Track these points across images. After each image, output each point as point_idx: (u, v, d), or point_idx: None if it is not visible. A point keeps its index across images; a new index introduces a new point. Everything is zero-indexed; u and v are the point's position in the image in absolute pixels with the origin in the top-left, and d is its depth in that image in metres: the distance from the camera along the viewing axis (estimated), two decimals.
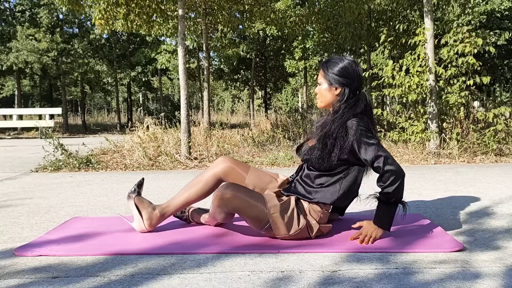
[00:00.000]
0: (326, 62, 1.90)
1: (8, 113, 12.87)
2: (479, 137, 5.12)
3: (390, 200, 1.72)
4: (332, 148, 1.78)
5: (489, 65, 12.70)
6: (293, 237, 1.80)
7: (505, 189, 3.03)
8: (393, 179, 1.69)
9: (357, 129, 1.74)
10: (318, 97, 1.93)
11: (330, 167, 1.81)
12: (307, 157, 1.85)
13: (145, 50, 15.59)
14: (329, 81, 1.86)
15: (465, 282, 1.36)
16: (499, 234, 1.91)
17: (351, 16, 8.02)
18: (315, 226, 1.80)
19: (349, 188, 1.84)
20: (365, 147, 1.72)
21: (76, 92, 22.54)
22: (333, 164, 1.80)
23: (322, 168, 1.82)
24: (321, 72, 1.91)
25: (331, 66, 1.86)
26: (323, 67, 1.89)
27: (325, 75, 1.87)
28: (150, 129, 5.91)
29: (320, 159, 1.79)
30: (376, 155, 1.70)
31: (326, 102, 1.90)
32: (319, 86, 1.91)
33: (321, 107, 1.94)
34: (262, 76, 18.69)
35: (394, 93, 5.29)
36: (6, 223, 2.22)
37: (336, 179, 1.82)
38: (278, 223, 1.76)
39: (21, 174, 4.19)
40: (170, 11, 7.55)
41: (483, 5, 11.33)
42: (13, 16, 15.11)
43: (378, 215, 1.77)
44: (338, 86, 1.85)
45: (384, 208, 1.75)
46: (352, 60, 1.87)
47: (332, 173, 1.82)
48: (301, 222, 1.78)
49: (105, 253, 1.67)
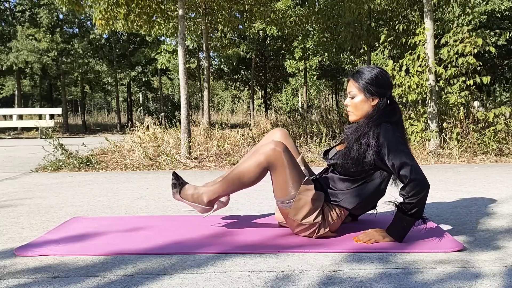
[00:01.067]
0: (358, 72, 1.83)
1: (8, 113, 12.87)
2: (479, 137, 5.12)
3: (410, 211, 1.68)
4: (362, 152, 1.74)
5: (489, 65, 12.69)
6: (299, 227, 1.80)
7: (505, 189, 3.03)
8: (418, 190, 1.65)
9: (392, 134, 1.71)
10: (351, 110, 1.85)
11: (356, 173, 1.79)
12: (335, 161, 1.83)
13: (145, 50, 15.60)
14: (365, 92, 1.79)
15: (465, 282, 1.36)
16: (499, 234, 1.91)
17: (351, 16, 8.02)
18: (323, 230, 1.80)
19: (372, 196, 1.82)
20: (394, 153, 1.68)
21: (76, 92, 22.55)
22: (359, 169, 1.77)
23: (348, 173, 1.80)
24: (353, 83, 1.83)
25: (364, 76, 1.80)
26: (355, 78, 1.82)
27: (359, 86, 1.81)
28: (150, 129, 5.91)
29: (348, 163, 1.76)
30: (404, 161, 1.67)
31: (362, 115, 1.83)
32: (353, 99, 1.83)
33: (355, 120, 1.86)
34: (262, 76, 18.70)
35: (394, 93, 5.29)
36: (6, 223, 2.22)
37: (360, 184, 1.80)
38: (300, 205, 1.76)
39: (21, 174, 4.19)
40: (170, 11, 7.55)
41: (483, 5, 11.33)
42: (13, 16, 15.11)
43: (393, 225, 1.74)
44: (376, 97, 1.79)
45: (402, 218, 1.71)
46: (382, 68, 1.84)
47: (356, 179, 1.80)
48: (318, 219, 1.77)
49: (105, 253, 1.67)
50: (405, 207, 1.69)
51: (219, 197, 1.89)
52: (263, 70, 18.56)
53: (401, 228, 1.73)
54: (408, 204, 1.68)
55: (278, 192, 1.81)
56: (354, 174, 1.80)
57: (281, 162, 1.77)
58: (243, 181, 1.82)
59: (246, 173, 1.81)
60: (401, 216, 1.72)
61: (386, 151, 1.70)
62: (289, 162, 1.78)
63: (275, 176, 1.80)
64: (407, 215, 1.70)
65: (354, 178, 1.80)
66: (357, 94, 1.82)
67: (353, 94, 1.83)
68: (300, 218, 1.78)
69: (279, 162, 1.77)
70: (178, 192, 1.90)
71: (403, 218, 1.71)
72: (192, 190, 1.90)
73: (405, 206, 1.69)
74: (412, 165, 1.67)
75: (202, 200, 1.87)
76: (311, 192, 1.76)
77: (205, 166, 4.58)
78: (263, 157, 1.77)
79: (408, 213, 1.69)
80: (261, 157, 1.78)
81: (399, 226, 1.73)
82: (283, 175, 1.78)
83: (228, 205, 2.60)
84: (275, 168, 1.78)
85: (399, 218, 1.73)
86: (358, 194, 1.80)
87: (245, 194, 2.82)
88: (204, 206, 1.88)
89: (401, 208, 1.71)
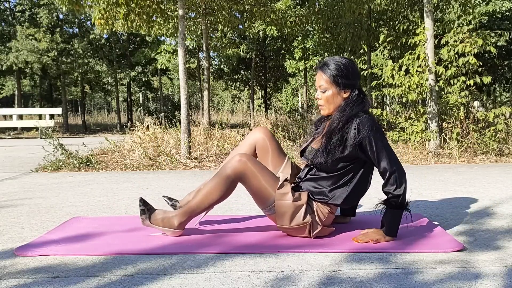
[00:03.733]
0: (326, 65, 1.80)
1: (8, 113, 12.87)
2: (479, 137, 5.12)
3: (398, 203, 1.72)
4: (340, 146, 1.75)
5: (489, 65, 12.69)
6: (293, 230, 1.79)
7: (505, 189, 3.03)
8: (401, 181, 1.70)
9: (371, 126, 1.71)
10: (323, 104, 1.82)
11: (338, 168, 1.78)
12: (315, 160, 1.81)
13: (145, 50, 15.59)
14: (336, 85, 1.78)
15: (465, 282, 1.36)
16: (499, 234, 1.91)
17: (351, 16, 8.02)
18: (318, 227, 1.80)
19: (359, 187, 1.82)
20: (375, 146, 1.71)
21: (76, 92, 22.55)
22: (341, 163, 1.77)
23: (330, 170, 1.79)
24: (322, 77, 1.80)
25: (333, 69, 1.78)
26: (324, 71, 1.80)
27: (330, 79, 1.78)
28: (150, 129, 5.91)
29: (327, 159, 1.76)
30: (385, 156, 1.71)
31: (334, 108, 1.81)
32: (324, 93, 1.81)
33: (328, 114, 1.84)
34: (262, 76, 18.69)
35: (394, 93, 5.29)
36: (6, 223, 2.22)
37: (344, 178, 1.80)
38: (282, 211, 1.75)
39: (21, 174, 4.19)
40: (170, 11, 7.55)
41: (484, 6, 11.32)
42: (13, 16, 15.11)
43: (387, 222, 1.76)
44: (347, 89, 1.79)
45: (393, 213, 1.74)
46: (348, 59, 1.83)
47: (340, 173, 1.80)
48: (307, 218, 1.77)
49: (105, 253, 1.67)
50: (394, 201, 1.72)
51: (190, 218, 1.86)
52: (263, 70, 18.55)
53: (396, 223, 1.76)
54: (397, 197, 1.71)
55: (258, 201, 1.82)
56: (336, 170, 1.79)
57: (251, 171, 1.76)
58: (213, 198, 1.80)
59: (215, 190, 1.79)
60: (392, 211, 1.74)
61: (367, 145, 1.72)
62: (258, 169, 1.77)
63: (249, 187, 1.79)
64: (396, 209, 1.73)
65: (337, 174, 1.80)
66: (328, 87, 1.80)
67: (324, 88, 1.81)
68: (288, 223, 1.77)
69: (248, 172, 1.76)
70: (147, 218, 1.86)
71: (394, 212, 1.74)
72: (162, 214, 1.86)
73: (394, 200, 1.72)
74: (391, 157, 1.71)
75: (173, 224, 1.84)
76: (289, 195, 1.75)
77: (205, 166, 4.58)
78: (230, 171, 1.77)
79: (396, 206, 1.73)
80: (228, 170, 1.77)
81: (394, 222, 1.75)
82: (256, 183, 1.77)
83: (228, 205, 2.60)
84: (246, 179, 1.77)
85: (391, 214, 1.75)
86: (344, 188, 1.80)
87: (245, 194, 2.81)
88: (174, 229, 1.85)
89: (391, 204, 1.73)
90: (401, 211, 1.74)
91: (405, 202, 1.74)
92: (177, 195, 2.88)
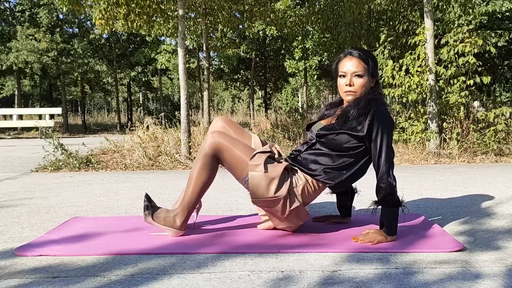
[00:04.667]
0: (366, 52, 1.83)
1: (8, 113, 12.87)
2: (479, 137, 5.12)
3: (393, 201, 1.74)
4: (352, 128, 1.76)
5: (489, 65, 12.69)
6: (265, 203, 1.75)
7: (505, 189, 3.03)
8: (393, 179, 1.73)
9: (388, 119, 1.75)
10: (356, 89, 1.80)
11: (342, 147, 1.79)
12: (323, 133, 1.82)
13: (145, 50, 15.59)
14: (371, 73, 1.81)
15: (465, 282, 1.36)
16: (499, 234, 1.91)
17: (351, 16, 8.01)
18: (295, 202, 1.76)
19: (354, 173, 1.83)
20: (381, 140, 1.73)
21: (76, 92, 22.56)
22: (346, 143, 1.78)
23: (336, 147, 1.80)
24: (361, 64, 1.79)
25: (371, 57, 1.82)
26: (363, 59, 1.80)
27: (368, 66, 1.80)
28: (150, 129, 5.91)
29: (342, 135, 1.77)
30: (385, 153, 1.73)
31: (362, 95, 1.82)
32: (361, 79, 1.80)
33: (352, 100, 1.82)
34: (262, 76, 18.69)
35: (394, 93, 5.29)
36: (6, 223, 2.22)
37: (345, 163, 1.80)
38: (254, 183, 1.72)
39: (21, 174, 4.19)
40: (170, 11, 7.55)
41: (484, 6, 11.32)
42: (13, 16, 15.11)
43: (386, 222, 1.77)
44: (374, 79, 1.85)
45: (389, 212, 1.75)
46: None
47: (341, 154, 1.80)
48: (279, 192, 1.72)
49: (105, 253, 1.67)
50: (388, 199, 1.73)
51: (190, 213, 1.86)
52: (263, 70, 18.55)
53: (394, 221, 1.76)
54: (392, 196, 1.72)
55: (235, 172, 1.81)
56: (343, 149, 1.79)
57: (225, 144, 1.79)
58: (202, 180, 1.82)
59: (201, 172, 1.81)
60: (388, 210, 1.75)
61: (375, 134, 1.74)
62: (231, 141, 1.80)
63: (226, 160, 1.80)
64: (392, 207, 1.75)
65: (339, 154, 1.80)
66: (364, 74, 1.80)
67: (361, 73, 1.80)
68: (261, 195, 1.73)
69: (223, 144, 1.78)
70: (150, 215, 1.85)
71: (391, 211, 1.75)
72: (165, 213, 1.86)
73: (390, 199, 1.73)
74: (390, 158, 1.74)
75: (175, 224, 1.84)
76: (260, 167, 1.73)
77: None
78: (207, 147, 1.80)
79: (392, 204, 1.74)
80: (206, 147, 1.80)
81: (392, 220, 1.76)
82: (231, 155, 1.78)
83: (228, 205, 2.60)
84: (222, 152, 1.79)
85: (388, 213, 1.76)
86: (342, 172, 1.80)
87: (245, 194, 2.82)
88: (176, 229, 1.85)
89: (386, 203, 1.74)
90: (397, 209, 1.76)
91: (399, 199, 1.75)
92: (177, 195, 2.89)
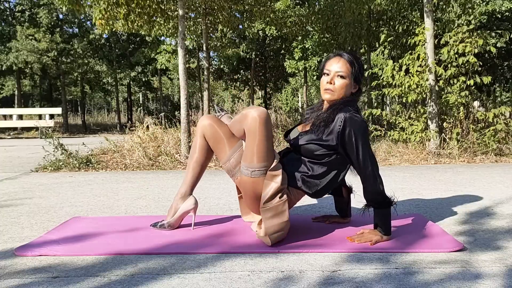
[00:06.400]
0: (356, 57, 1.83)
1: (8, 113, 12.87)
2: (479, 137, 5.12)
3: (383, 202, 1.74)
4: (325, 136, 1.76)
5: (489, 65, 12.69)
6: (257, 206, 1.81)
7: (505, 189, 3.03)
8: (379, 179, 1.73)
9: (360, 126, 1.72)
10: (335, 89, 1.79)
11: (319, 156, 1.79)
12: (298, 142, 1.83)
13: (145, 50, 15.60)
14: (355, 77, 1.81)
15: (465, 282, 1.36)
16: (499, 234, 1.91)
17: (351, 16, 8.02)
18: None
19: (331, 181, 1.82)
20: (357, 144, 1.71)
21: (76, 92, 22.58)
22: (320, 151, 1.78)
23: (312, 156, 1.80)
24: (346, 64, 1.79)
25: (359, 63, 1.82)
26: (350, 62, 1.80)
27: (353, 70, 1.79)
28: (150, 129, 5.90)
29: (310, 145, 1.78)
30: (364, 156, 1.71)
31: (339, 97, 1.81)
32: (343, 80, 1.79)
33: (330, 100, 1.83)
34: (262, 76, 18.69)
35: (393, 92, 5.29)
36: (6, 223, 2.22)
37: (319, 169, 1.80)
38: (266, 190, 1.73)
39: (21, 174, 4.19)
40: (170, 11, 7.54)
41: (484, 6, 11.32)
42: (13, 16, 15.11)
43: (379, 223, 1.77)
44: (357, 85, 1.84)
45: (380, 213, 1.76)
46: None
47: (315, 162, 1.80)
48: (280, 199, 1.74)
49: (105, 253, 1.67)
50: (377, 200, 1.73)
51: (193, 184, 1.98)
52: (263, 70, 18.55)
53: (387, 221, 1.76)
54: (381, 197, 1.73)
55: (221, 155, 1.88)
56: (315, 157, 1.80)
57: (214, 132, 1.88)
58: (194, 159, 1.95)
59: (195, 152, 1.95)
60: (379, 212, 1.76)
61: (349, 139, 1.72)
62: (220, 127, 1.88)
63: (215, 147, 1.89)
64: (383, 208, 1.75)
65: (315, 161, 1.80)
66: (347, 76, 1.80)
67: (343, 74, 1.79)
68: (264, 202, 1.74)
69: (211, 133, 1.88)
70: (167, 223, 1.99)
71: (382, 212, 1.75)
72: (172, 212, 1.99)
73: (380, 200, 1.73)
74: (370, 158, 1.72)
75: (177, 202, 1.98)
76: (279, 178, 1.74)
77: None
78: (198, 129, 1.92)
79: (383, 205, 1.74)
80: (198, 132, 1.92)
81: (385, 221, 1.76)
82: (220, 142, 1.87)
83: (228, 205, 2.60)
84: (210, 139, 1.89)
85: (380, 214, 1.76)
86: (318, 179, 1.80)
87: None
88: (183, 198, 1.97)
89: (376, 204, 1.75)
90: (388, 209, 1.75)
91: (389, 199, 1.75)
92: None
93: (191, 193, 1.99)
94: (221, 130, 1.89)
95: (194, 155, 1.96)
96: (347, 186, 2.09)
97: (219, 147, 1.89)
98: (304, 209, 2.46)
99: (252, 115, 1.72)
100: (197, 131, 1.94)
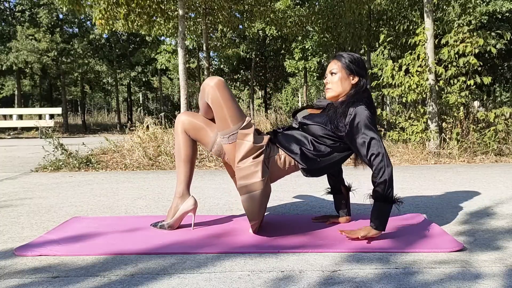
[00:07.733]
0: (340, 54, 1.94)
1: (8, 113, 12.87)
2: (479, 137, 5.12)
3: (384, 195, 1.71)
4: (334, 124, 1.80)
5: (489, 65, 12.70)
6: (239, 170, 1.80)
7: (505, 189, 3.03)
8: (384, 173, 1.71)
9: (366, 117, 1.76)
10: (331, 86, 1.91)
11: (319, 136, 1.84)
12: (306, 121, 1.87)
13: (145, 50, 15.60)
14: (346, 69, 1.88)
15: (465, 282, 1.36)
16: (499, 234, 1.91)
17: (351, 16, 8.02)
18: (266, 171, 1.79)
19: (332, 163, 1.87)
20: (364, 137, 1.74)
21: (76, 92, 22.58)
22: (326, 135, 1.83)
23: (314, 133, 1.85)
24: (335, 62, 1.92)
25: (346, 57, 1.90)
26: (338, 58, 1.92)
27: (342, 64, 1.89)
28: (150, 129, 5.91)
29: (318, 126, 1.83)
30: (372, 147, 1.73)
31: (339, 92, 1.89)
32: (333, 76, 1.91)
33: (332, 97, 1.92)
34: (262, 76, 18.70)
35: (393, 93, 5.29)
36: (6, 223, 2.22)
37: (323, 149, 1.84)
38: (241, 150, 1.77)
39: (21, 174, 4.19)
40: (170, 11, 7.55)
41: (484, 6, 11.32)
42: (13, 16, 15.12)
43: (373, 214, 1.74)
44: (355, 75, 1.89)
45: (379, 207, 1.73)
46: None
47: (320, 142, 1.84)
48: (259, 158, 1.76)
49: (105, 253, 1.67)
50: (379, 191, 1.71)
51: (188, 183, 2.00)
52: (263, 70, 18.56)
53: (383, 216, 1.73)
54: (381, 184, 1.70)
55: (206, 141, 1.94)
56: (322, 140, 1.84)
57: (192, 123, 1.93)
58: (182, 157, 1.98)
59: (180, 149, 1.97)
60: (378, 205, 1.73)
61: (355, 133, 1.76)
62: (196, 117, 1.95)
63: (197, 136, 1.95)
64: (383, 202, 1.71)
65: (320, 142, 1.84)
66: (338, 71, 1.90)
67: (334, 71, 1.90)
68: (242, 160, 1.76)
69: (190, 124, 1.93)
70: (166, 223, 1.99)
71: (381, 206, 1.72)
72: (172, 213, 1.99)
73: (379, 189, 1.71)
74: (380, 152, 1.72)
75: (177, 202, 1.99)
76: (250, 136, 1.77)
77: (205, 166, 4.58)
78: (177, 127, 1.96)
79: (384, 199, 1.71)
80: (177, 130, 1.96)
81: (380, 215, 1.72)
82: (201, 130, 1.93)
83: (228, 205, 2.60)
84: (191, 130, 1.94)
85: (378, 208, 1.73)
86: (319, 157, 1.83)
87: None
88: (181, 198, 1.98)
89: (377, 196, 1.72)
90: (388, 206, 1.72)
91: (392, 196, 1.73)
92: None
93: (188, 191, 2.00)
94: (198, 120, 1.96)
95: (181, 152, 1.99)
96: (345, 185, 2.09)
97: (201, 134, 1.94)
98: (304, 209, 2.46)
99: (208, 85, 1.82)
100: (176, 129, 1.98)
